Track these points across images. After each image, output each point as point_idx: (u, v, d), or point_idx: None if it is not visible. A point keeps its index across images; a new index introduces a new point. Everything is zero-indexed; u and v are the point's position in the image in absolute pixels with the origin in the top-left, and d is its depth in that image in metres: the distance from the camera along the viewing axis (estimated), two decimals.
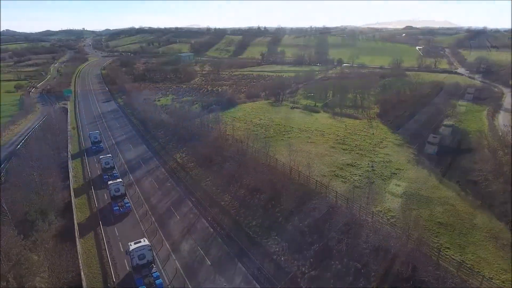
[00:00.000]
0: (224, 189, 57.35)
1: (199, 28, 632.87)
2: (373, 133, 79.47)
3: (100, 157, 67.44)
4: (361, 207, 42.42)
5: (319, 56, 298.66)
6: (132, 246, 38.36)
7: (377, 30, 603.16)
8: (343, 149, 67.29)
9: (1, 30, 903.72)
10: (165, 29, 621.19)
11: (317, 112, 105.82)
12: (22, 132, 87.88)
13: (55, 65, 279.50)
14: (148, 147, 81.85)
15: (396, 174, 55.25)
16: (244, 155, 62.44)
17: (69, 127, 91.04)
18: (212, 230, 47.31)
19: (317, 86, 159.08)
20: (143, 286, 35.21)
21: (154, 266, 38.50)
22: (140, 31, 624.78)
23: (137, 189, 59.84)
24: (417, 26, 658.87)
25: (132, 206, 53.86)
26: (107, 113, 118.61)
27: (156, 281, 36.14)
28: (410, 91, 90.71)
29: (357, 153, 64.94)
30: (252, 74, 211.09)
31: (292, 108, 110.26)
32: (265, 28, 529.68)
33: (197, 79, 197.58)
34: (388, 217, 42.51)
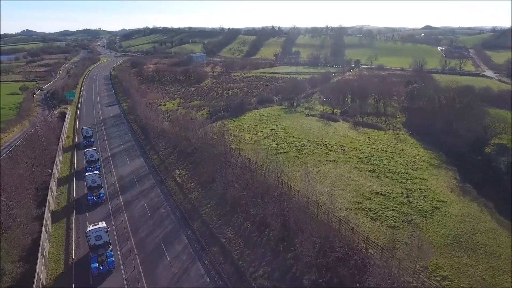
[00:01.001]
0: (227, 220, 47.92)
1: (213, 28, 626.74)
2: (402, 149, 68.63)
3: (85, 150, 71.95)
4: (400, 262, 32.23)
5: (336, 57, 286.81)
6: (90, 228, 41.52)
7: (395, 29, 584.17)
8: (369, 171, 56.86)
9: (21, 30, 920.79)
10: (179, 29, 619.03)
11: (336, 120, 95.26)
12: (9, 142, 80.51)
13: (66, 65, 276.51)
14: (146, 160, 73.16)
15: (439, 208, 44.59)
16: (252, 178, 52.84)
17: (63, 136, 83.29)
18: (208, 280, 37.84)
19: (334, 90, 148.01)
20: (96, 264, 37.82)
21: (110, 246, 41.27)
22: (154, 31, 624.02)
23: (125, 217, 50.96)
24: (437, 26, 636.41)
25: (107, 197, 56.24)
26: (108, 118, 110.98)
27: (108, 260, 38.80)
28: (446, 100, 79.02)
29: (387, 177, 54.43)
30: (265, 75, 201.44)
31: (308, 116, 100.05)
32: (279, 27, 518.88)
33: (207, 81, 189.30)
34: (439, 279, 32.15)
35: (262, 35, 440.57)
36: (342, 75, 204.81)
